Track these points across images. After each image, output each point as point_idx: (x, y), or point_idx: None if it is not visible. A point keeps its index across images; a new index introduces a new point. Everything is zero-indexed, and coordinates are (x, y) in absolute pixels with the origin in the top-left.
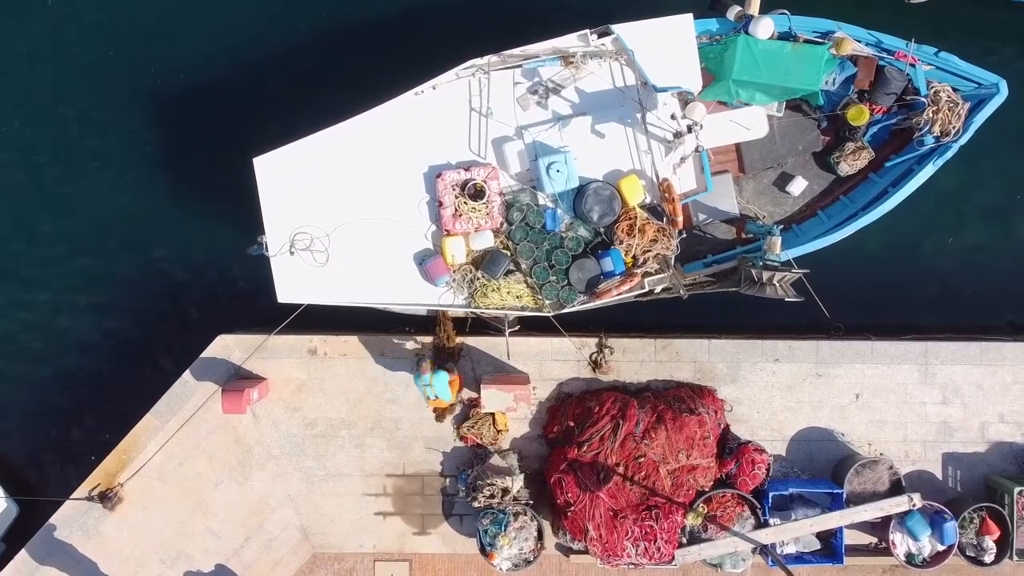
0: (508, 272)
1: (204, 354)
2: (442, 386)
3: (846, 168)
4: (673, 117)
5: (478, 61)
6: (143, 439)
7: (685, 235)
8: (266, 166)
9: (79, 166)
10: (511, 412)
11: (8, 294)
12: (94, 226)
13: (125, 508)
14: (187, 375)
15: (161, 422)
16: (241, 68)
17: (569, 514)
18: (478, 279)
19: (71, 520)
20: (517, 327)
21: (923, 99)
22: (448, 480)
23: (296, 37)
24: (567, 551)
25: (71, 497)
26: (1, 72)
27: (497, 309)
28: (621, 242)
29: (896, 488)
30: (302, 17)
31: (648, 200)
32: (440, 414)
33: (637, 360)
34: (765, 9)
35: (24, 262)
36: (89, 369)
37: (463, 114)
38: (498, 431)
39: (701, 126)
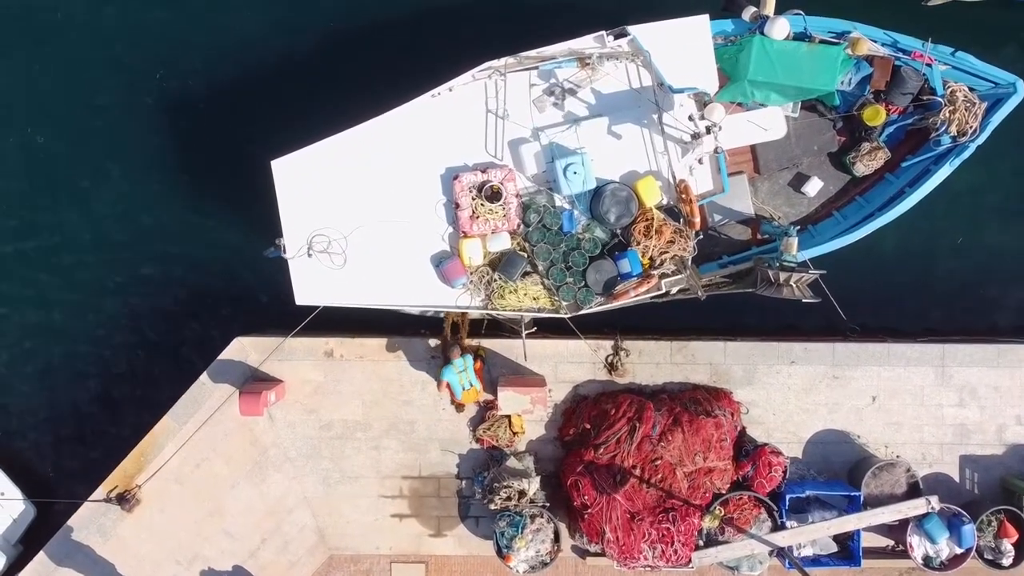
0: (525, 274)
1: (221, 356)
2: (472, 371)
3: (862, 168)
4: (691, 118)
5: (494, 63)
6: (160, 441)
7: (702, 236)
8: (284, 169)
9: (95, 171)
10: (527, 414)
11: (26, 297)
12: (111, 229)
13: (142, 510)
14: (204, 377)
15: (178, 424)
16: (258, 72)
17: (586, 516)
18: (495, 281)
19: (89, 522)
20: (534, 329)
21: (939, 99)
22: (464, 482)
23: (312, 40)
24: (583, 553)
25: (89, 499)
26: (13, 82)
27: (514, 311)
28: (638, 243)
29: (913, 491)
30: (318, 20)
31: (665, 201)
32: (461, 406)
33: (653, 362)
34: (780, 10)
35: (40, 267)
36: (107, 372)
37: (479, 116)
38: (514, 433)
39: (720, 127)
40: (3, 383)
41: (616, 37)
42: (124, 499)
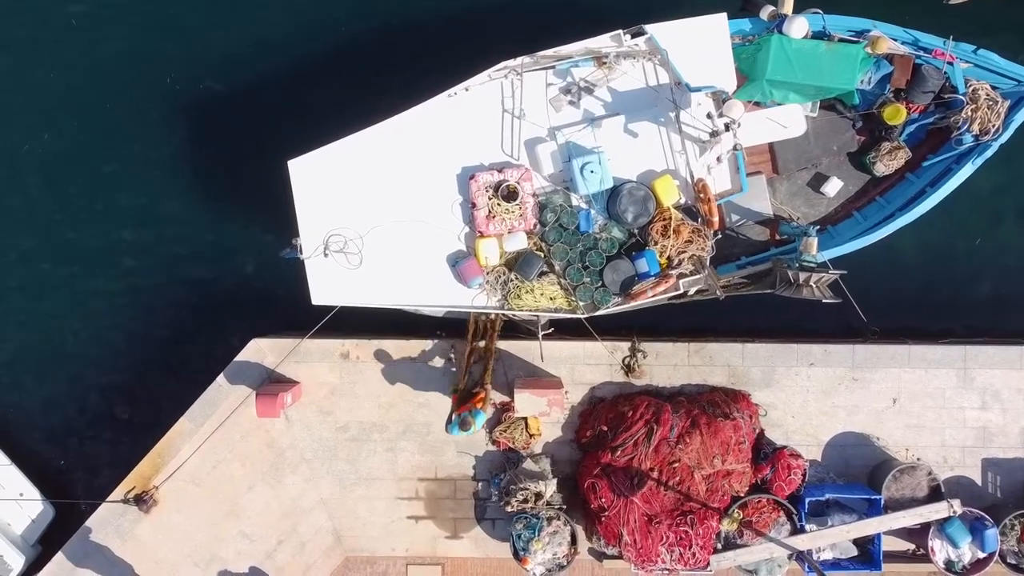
0: (542, 274)
1: (238, 358)
2: (481, 421)
3: (882, 168)
4: (709, 116)
5: (511, 62)
6: (177, 442)
7: (720, 236)
8: (300, 169)
9: (112, 175)
10: (544, 416)
11: (43, 300)
12: (128, 230)
13: (160, 511)
14: (221, 379)
15: (195, 425)
16: (275, 73)
17: (603, 519)
18: (511, 281)
19: (106, 523)
20: (550, 330)
21: (961, 97)
22: (480, 484)
23: (328, 40)
24: (600, 556)
25: (107, 500)
26: (30, 89)
27: (530, 311)
28: (656, 243)
29: (935, 494)
30: (334, 19)
31: (683, 201)
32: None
33: (670, 364)
34: (798, 8)
35: (58, 270)
36: (124, 373)
37: (496, 116)
38: (530, 435)
39: (739, 124)
40: (22, 385)
41: (633, 36)
42: (141, 500)
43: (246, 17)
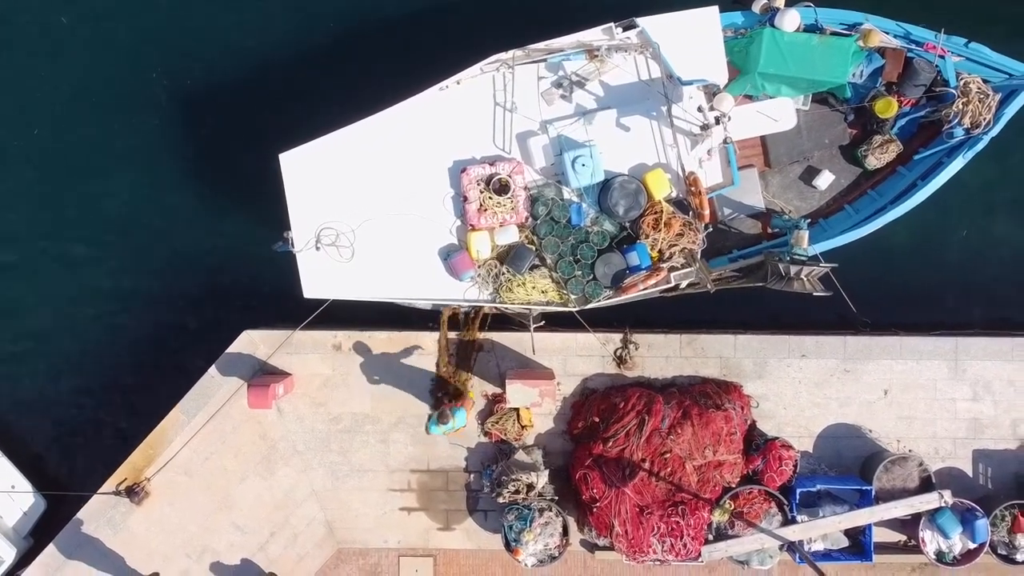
0: (533, 267)
1: (230, 349)
2: (462, 418)
3: (874, 162)
4: (700, 110)
5: (502, 56)
6: (169, 434)
7: (711, 229)
8: (292, 162)
9: (105, 167)
10: (536, 408)
11: (36, 291)
12: (120, 224)
13: (152, 503)
14: (213, 370)
15: (187, 417)
16: (266, 65)
17: (595, 510)
18: (503, 274)
19: (98, 515)
20: (542, 323)
21: (952, 91)
22: (472, 476)
23: (319, 33)
24: (592, 547)
25: (98, 492)
26: (22, 85)
27: (522, 304)
28: (647, 236)
29: (926, 485)
30: (324, 13)
31: (674, 194)
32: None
33: (662, 356)
34: (790, 1)
35: (51, 261)
36: (116, 365)
37: (487, 109)
38: (522, 427)
39: (729, 118)
40: (14, 377)
41: (625, 29)
42: (133, 492)
43: (235, 11)
